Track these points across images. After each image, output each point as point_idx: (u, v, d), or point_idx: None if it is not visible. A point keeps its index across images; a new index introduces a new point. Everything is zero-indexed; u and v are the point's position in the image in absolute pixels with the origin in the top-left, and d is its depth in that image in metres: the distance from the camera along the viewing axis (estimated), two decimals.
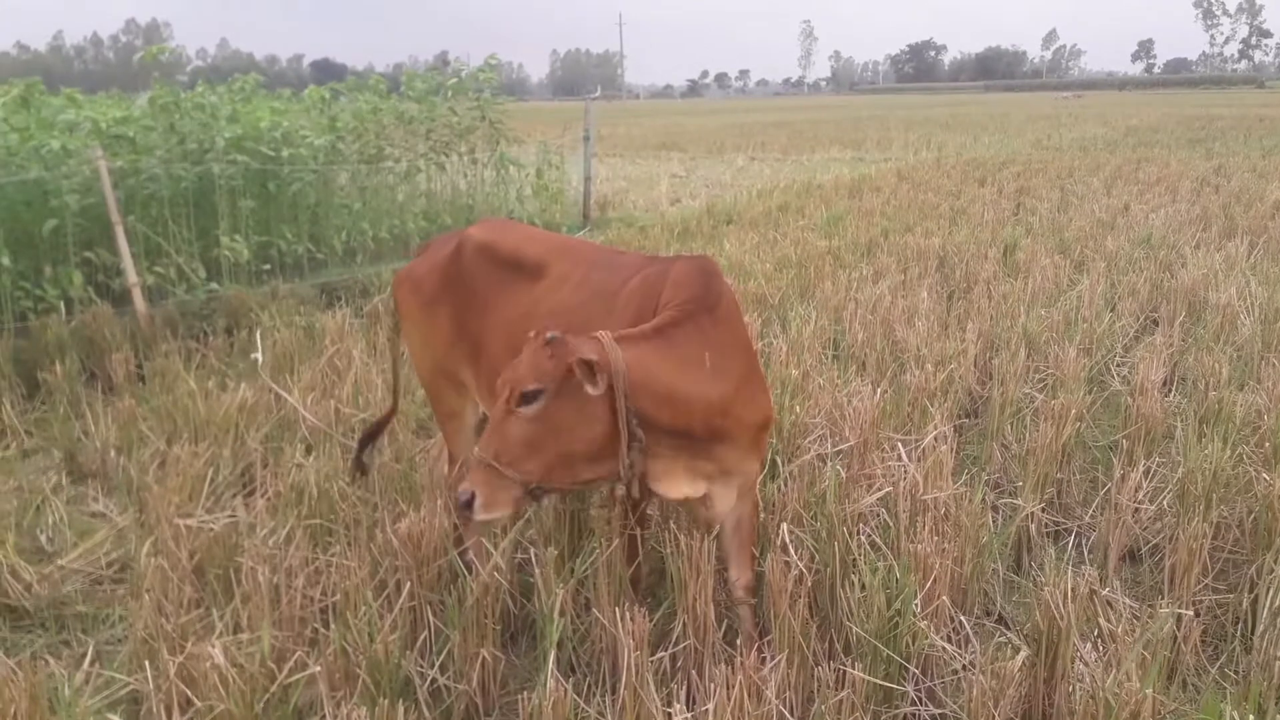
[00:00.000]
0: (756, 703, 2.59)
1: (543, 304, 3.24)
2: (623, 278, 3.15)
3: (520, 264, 3.40)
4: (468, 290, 3.49)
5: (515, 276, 3.39)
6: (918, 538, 3.19)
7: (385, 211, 9.63)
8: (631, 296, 3.06)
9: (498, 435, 2.61)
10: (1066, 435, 4.29)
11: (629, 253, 3.44)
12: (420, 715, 2.81)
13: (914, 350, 5.60)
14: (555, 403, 2.58)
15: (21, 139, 6.87)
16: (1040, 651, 2.84)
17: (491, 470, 2.58)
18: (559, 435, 2.62)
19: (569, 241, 3.61)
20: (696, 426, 2.79)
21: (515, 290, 3.35)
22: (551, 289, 3.27)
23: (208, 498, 4.10)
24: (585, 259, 3.35)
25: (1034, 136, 25.63)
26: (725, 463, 2.94)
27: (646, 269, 3.14)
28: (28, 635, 3.59)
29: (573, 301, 3.18)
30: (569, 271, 3.29)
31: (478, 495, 2.58)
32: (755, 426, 3.00)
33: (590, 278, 3.24)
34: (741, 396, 2.89)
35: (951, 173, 15.97)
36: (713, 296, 2.90)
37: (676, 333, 2.79)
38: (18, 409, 5.48)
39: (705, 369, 2.79)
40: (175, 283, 7.31)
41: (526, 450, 2.60)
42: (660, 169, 20.31)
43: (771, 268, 8.01)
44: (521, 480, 2.60)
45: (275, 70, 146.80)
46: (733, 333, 2.95)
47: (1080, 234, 9.65)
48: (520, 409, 2.58)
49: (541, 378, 2.56)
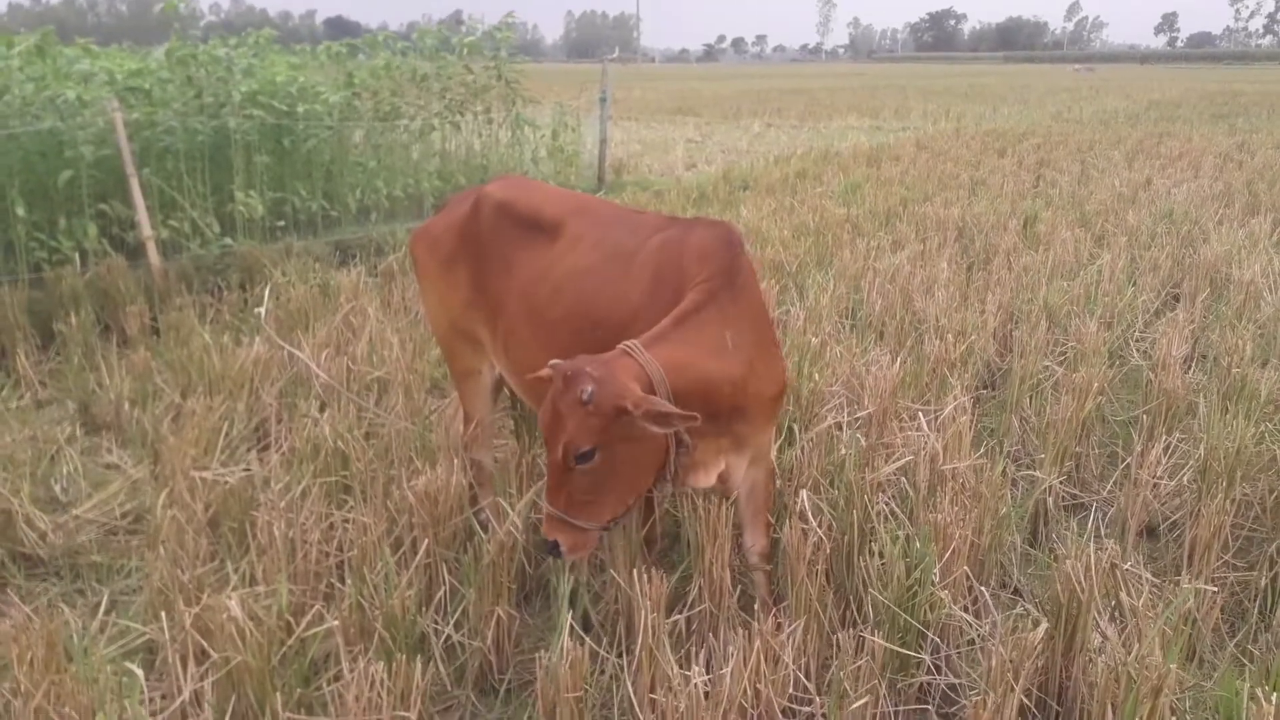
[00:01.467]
0: (773, 667, 2.58)
1: (559, 264, 3.19)
2: (641, 238, 3.09)
3: (538, 223, 3.35)
4: (485, 249, 3.44)
5: (533, 236, 3.33)
6: (938, 507, 3.17)
7: (400, 170, 9.56)
8: (649, 258, 3.00)
9: (563, 491, 2.59)
10: (1087, 409, 4.25)
11: (648, 213, 3.38)
12: (437, 672, 2.81)
13: (933, 320, 5.55)
14: (610, 450, 2.55)
15: (37, 88, 6.82)
16: (1059, 624, 2.82)
17: (566, 523, 2.60)
18: (622, 473, 2.62)
19: (588, 200, 3.55)
20: (722, 407, 2.78)
21: (533, 250, 3.31)
22: (568, 249, 3.22)
23: (222, 451, 4.10)
24: (603, 218, 3.30)
25: (1054, 108, 25.33)
26: (741, 436, 2.92)
27: (666, 230, 3.08)
28: (42, 584, 3.60)
29: (588, 262, 3.13)
30: (585, 231, 3.24)
31: (562, 544, 2.61)
32: (771, 398, 2.98)
33: (607, 237, 3.18)
34: (758, 371, 2.87)
35: (971, 143, 15.80)
36: (734, 270, 2.85)
37: (700, 318, 2.75)
38: (32, 359, 5.48)
39: (728, 349, 2.76)
40: (189, 237, 7.28)
41: (595, 496, 2.60)
42: (675, 134, 20.14)
43: (789, 235, 7.94)
44: (596, 525, 2.64)
45: (288, 26, 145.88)
46: (750, 305, 2.91)
47: (1101, 207, 9.55)
48: (579, 466, 2.54)
49: (593, 436, 2.50)
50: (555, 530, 2.63)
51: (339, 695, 2.42)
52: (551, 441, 2.56)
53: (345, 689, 2.38)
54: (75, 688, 2.52)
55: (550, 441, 2.57)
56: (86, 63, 7.36)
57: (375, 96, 9.46)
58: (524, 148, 11.14)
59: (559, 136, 11.63)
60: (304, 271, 6.71)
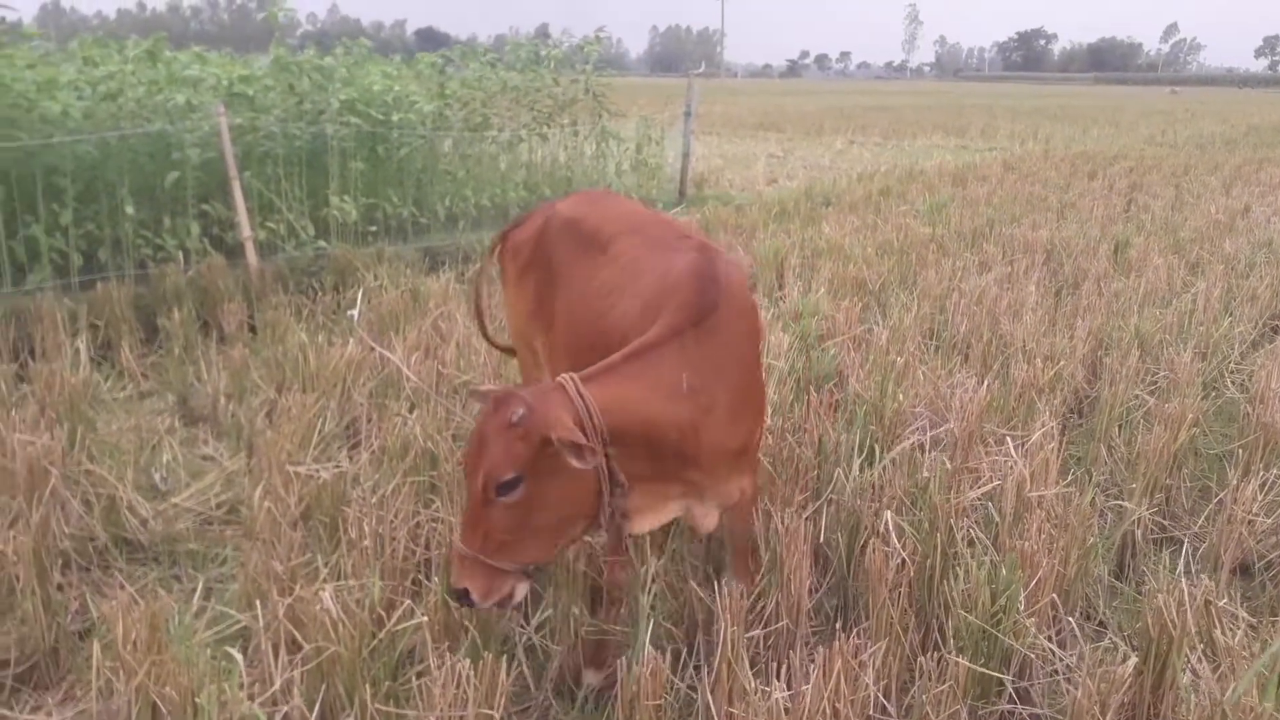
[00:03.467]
0: (853, 687, 2.58)
1: (593, 281, 3.14)
2: (661, 260, 2.97)
3: (596, 241, 3.29)
4: (549, 263, 3.45)
5: (590, 253, 3.28)
6: (1024, 534, 3.13)
7: (487, 180, 9.73)
8: (652, 282, 2.89)
9: (478, 526, 2.40)
10: (1180, 441, 4.15)
11: (691, 238, 3.15)
12: (520, 673, 2.86)
13: (1020, 344, 5.46)
14: (536, 482, 2.38)
15: (149, 92, 7.12)
16: (1148, 659, 2.76)
17: (480, 564, 2.41)
18: (545, 510, 2.44)
19: (646, 219, 3.42)
20: (667, 452, 2.63)
21: (586, 267, 3.25)
22: (605, 266, 3.16)
23: (315, 447, 4.22)
24: (648, 238, 3.18)
25: (1147, 132, 24.68)
26: (698, 485, 2.79)
27: (685, 255, 2.92)
28: (142, 568, 3.75)
29: (615, 281, 3.06)
30: (626, 250, 3.16)
31: (472, 591, 2.42)
32: (733, 451, 2.79)
33: (638, 257, 3.08)
34: (718, 420, 2.68)
35: (1060, 165, 15.48)
36: (703, 308, 2.68)
37: (656, 354, 2.60)
38: (136, 352, 5.72)
39: (682, 391, 2.59)
40: (285, 239, 7.51)
41: (514, 536, 2.42)
42: (757, 149, 20.13)
43: (872, 252, 7.88)
44: (515, 567, 2.45)
45: (380, 37, 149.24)
46: (722, 348, 2.71)
47: (1196, 234, 9.28)
48: (500, 499, 2.37)
49: (517, 463, 2.34)
50: (465, 575, 2.41)
51: (426, 690, 2.48)
52: (472, 471, 2.39)
53: (432, 684, 2.44)
54: (175, 669, 2.62)
55: (471, 471, 2.40)
56: (196, 68, 7.66)
57: (466, 107, 9.65)
58: (608, 160, 11.25)
59: (643, 150, 11.72)
60: (395, 276, 6.88)
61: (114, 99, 6.99)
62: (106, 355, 5.79)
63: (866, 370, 4.89)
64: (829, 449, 3.96)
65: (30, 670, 3.07)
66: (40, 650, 3.09)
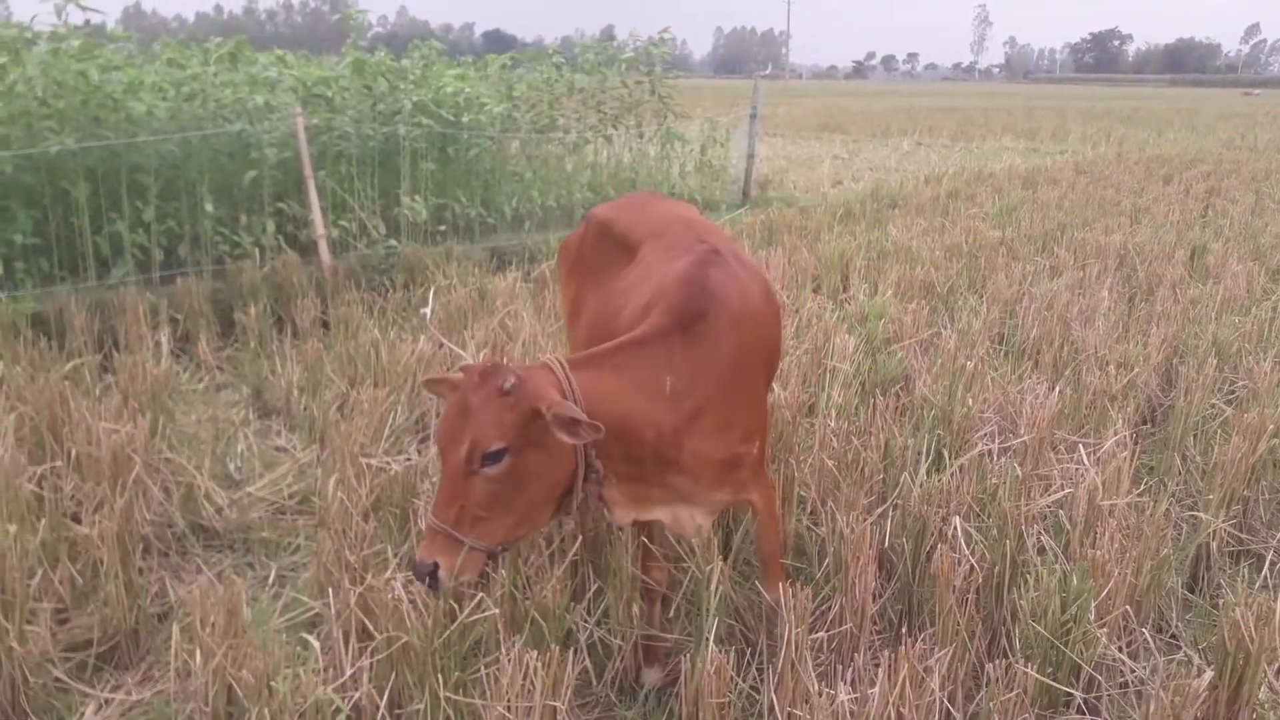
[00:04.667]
0: (919, 692, 2.56)
1: (617, 284, 3.15)
2: (671, 261, 2.94)
3: (626, 244, 3.30)
4: (587, 267, 3.49)
5: (620, 256, 3.29)
6: (1096, 544, 3.08)
7: (553, 181, 9.82)
8: (656, 283, 2.87)
9: (454, 500, 2.34)
10: (1259, 452, 4.04)
11: (709, 241, 3.09)
12: (584, 668, 2.89)
13: (1092, 350, 5.36)
14: (519, 456, 2.35)
15: (230, 93, 7.32)
16: (1224, 674, 2.70)
17: (452, 539, 2.34)
18: (525, 487, 2.40)
19: (671, 222, 3.37)
20: (644, 454, 2.59)
21: (611, 269, 3.28)
22: (630, 269, 3.17)
23: (386, 439, 4.31)
24: (670, 240, 3.15)
25: (1226, 135, 23.97)
26: (683, 491, 2.73)
27: (694, 256, 2.89)
28: (217, 555, 3.87)
29: (630, 281, 3.07)
30: (649, 253, 3.16)
31: (441, 566, 2.34)
32: (718, 462, 2.71)
33: (655, 258, 3.07)
34: (703, 429, 2.63)
35: (1134, 169, 15.13)
36: (691, 314, 2.64)
37: (641, 351, 2.58)
38: (213, 346, 5.89)
39: (664, 394, 2.56)
40: (357, 237, 7.67)
41: (491, 511, 2.37)
42: (822, 150, 20.00)
43: (940, 255, 7.79)
44: (487, 546, 2.40)
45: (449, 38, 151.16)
46: (710, 357, 2.65)
47: (1277, 240, 9.01)
48: (484, 469, 2.32)
49: (506, 433, 2.30)
50: (437, 549, 2.34)
51: (494, 680, 2.52)
52: (453, 441, 2.33)
53: (501, 674, 2.48)
54: (251, 653, 2.70)
55: (451, 442, 2.33)
56: (275, 70, 7.86)
57: (534, 109, 9.75)
58: (672, 162, 11.28)
59: (707, 151, 11.72)
60: (463, 275, 6.98)
61: (196, 100, 7.21)
62: (185, 348, 5.97)
63: (934, 374, 4.84)
64: (895, 453, 3.94)
65: (112, 650, 3.19)
66: (121, 631, 3.20)
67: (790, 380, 4.63)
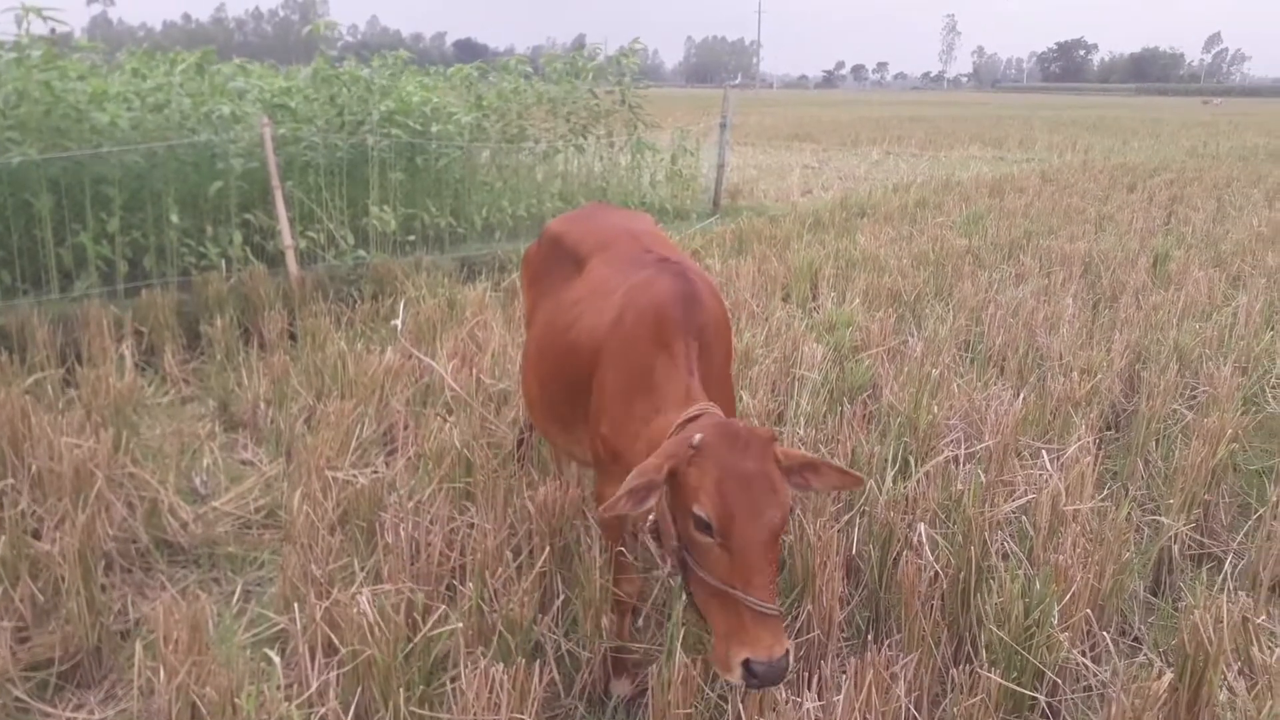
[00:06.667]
0: (884, 698, 2.58)
1: (566, 296, 3.22)
2: (627, 275, 3.00)
3: (575, 256, 3.38)
4: (541, 279, 3.56)
5: (567, 269, 3.36)
6: (1059, 548, 3.11)
7: (524, 191, 9.81)
8: (620, 296, 2.92)
9: (772, 581, 2.19)
10: (1219, 456, 4.10)
11: (655, 251, 3.16)
12: (551, 679, 2.88)
13: (1057, 357, 5.43)
14: None
15: (195, 104, 7.26)
16: (1184, 675, 2.73)
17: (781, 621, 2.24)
18: None
19: (618, 234, 3.41)
20: None
21: (561, 281, 3.34)
22: (579, 281, 3.23)
23: (353, 452, 4.28)
24: (618, 253, 3.21)
25: (1189, 144, 24.36)
26: None
27: (649, 269, 2.95)
28: (182, 570, 3.82)
29: (580, 294, 3.13)
30: (597, 266, 3.22)
31: (790, 654, 2.20)
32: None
33: (605, 272, 3.13)
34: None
35: (1099, 177, 15.34)
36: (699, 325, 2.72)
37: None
38: (178, 358, 5.83)
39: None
40: (325, 248, 7.62)
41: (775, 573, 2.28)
42: (792, 159, 20.10)
43: (907, 263, 7.86)
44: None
45: (419, 48, 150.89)
46: (712, 360, 2.74)
47: (1238, 247, 9.16)
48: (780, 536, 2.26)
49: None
50: (783, 635, 2.15)
51: (460, 694, 2.51)
52: (763, 513, 2.16)
53: (466, 688, 2.47)
54: (215, 669, 2.67)
55: (760, 514, 2.16)
56: (241, 80, 7.80)
57: (503, 118, 9.74)
58: (643, 172, 11.29)
59: (677, 161, 11.75)
60: (433, 285, 6.96)
61: (161, 110, 7.14)
62: (150, 361, 5.90)
63: (901, 382, 4.88)
64: (862, 461, 3.96)
65: (74, 669, 3.14)
66: (84, 650, 3.15)
67: (759, 389, 4.65)
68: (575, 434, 3.10)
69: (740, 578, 2.13)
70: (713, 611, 2.21)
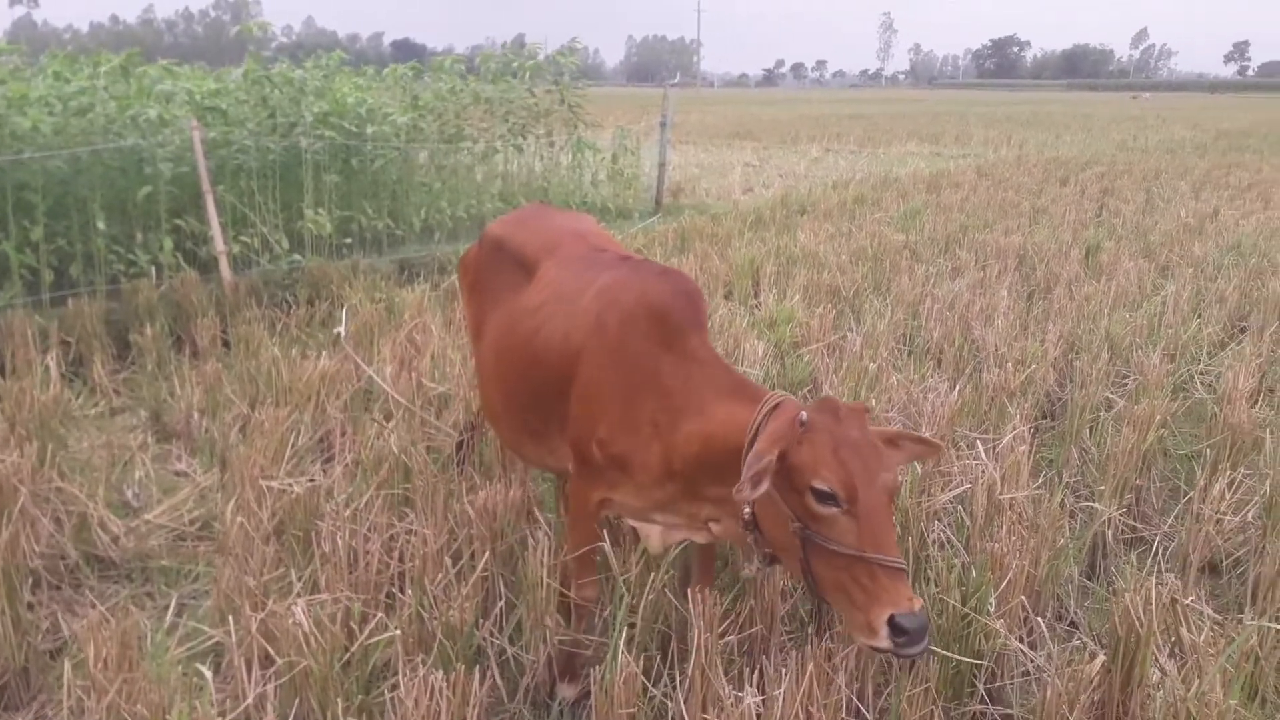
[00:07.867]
0: (826, 690, 2.59)
1: (519, 303, 3.19)
2: (589, 279, 2.99)
3: (522, 262, 3.34)
4: (486, 287, 3.50)
5: (517, 275, 3.32)
6: (994, 537, 3.16)
7: (463, 191, 9.74)
8: (593, 299, 2.91)
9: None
10: (1149, 442, 4.20)
11: (610, 251, 3.21)
12: (494, 684, 2.86)
13: (992, 349, 5.52)
14: None
15: (120, 107, 7.09)
16: (1116, 658, 2.79)
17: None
18: None
19: (564, 236, 3.41)
20: None
21: (513, 288, 3.30)
22: (532, 289, 3.20)
23: (289, 461, 4.20)
24: (569, 256, 3.21)
25: (1119, 137, 24.96)
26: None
27: (615, 270, 2.97)
28: (114, 585, 3.72)
29: (537, 301, 3.10)
30: (548, 270, 3.20)
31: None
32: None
33: (560, 277, 3.12)
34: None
35: (1033, 171, 15.64)
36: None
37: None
38: (108, 368, 5.67)
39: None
40: (259, 253, 7.49)
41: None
42: (733, 158, 20.21)
43: (846, 259, 7.94)
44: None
45: (356, 48, 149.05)
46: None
47: (1166, 238, 9.41)
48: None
49: None
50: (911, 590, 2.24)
51: (399, 703, 2.47)
52: (878, 476, 2.28)
53: (405, 697, 2.44)
54: (147, 686, 2.60)
55: (877, 477, 2.28)
56: (168, 83, 7.63)
57: (440, 119, 9.66)
58: (584, 171, 11.28)
59: (619, 160, 11.75)
60: (370, 289, 6.87)
61: (85, 114, 6.96)
62: (78, 372, 5.74)
63: (840, 376, 4.92)
64: None
65: (0, 691, 3.04)
66: (10, 670, 3.05)
67: None
68: (549, 444, 3.07)
69: (870, 540, 2.22)
70: (846, 582, 2.27)
